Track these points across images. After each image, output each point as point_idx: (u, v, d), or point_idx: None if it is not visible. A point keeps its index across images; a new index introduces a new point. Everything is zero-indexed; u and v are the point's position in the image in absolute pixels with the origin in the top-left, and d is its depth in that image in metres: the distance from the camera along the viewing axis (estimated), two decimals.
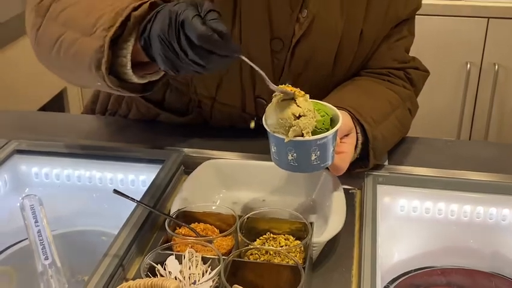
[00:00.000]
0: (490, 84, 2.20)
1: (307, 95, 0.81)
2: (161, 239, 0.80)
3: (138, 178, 1.06)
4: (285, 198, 0.99)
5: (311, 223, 0.81)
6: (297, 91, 0.80)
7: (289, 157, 0.81)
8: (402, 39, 1.12)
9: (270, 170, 1.00)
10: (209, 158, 1.02)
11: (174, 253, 0.75)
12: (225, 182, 1.00)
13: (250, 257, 0.77)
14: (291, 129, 0.78)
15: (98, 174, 1.07)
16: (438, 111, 2.25)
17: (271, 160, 1.01)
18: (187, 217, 0.84)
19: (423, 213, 1.00)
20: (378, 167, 1.06)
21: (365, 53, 1.09)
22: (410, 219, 1.00)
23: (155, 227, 0.92)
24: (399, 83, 1.12)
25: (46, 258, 0.82)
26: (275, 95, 0.80)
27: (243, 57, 0.76)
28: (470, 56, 2.18)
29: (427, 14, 2.14)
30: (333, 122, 0.84)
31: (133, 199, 0.84)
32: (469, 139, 2.29)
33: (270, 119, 0.81)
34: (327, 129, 0.82)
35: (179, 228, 0.82)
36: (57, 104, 2.36)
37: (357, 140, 0.97)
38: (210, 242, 0.77)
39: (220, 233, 0.82)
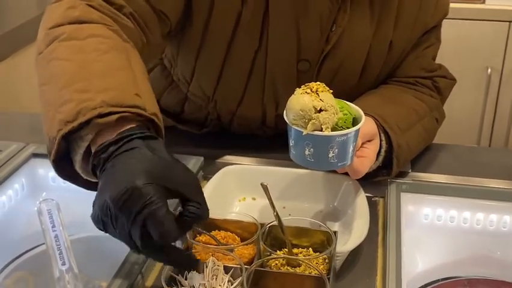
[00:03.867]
0: (511, 89, 2.17)
1: (331, 91, 0.79)
2: (182, 246, 0.78)
3: None
4: (306, 205, 0.97)
5: (335, 232, 0.78)
6: (322, 86, 0.78)
7: (306, 152, 0.79)
8: (430, 47, 1.11)
9: (291, 176, 0.99)
10: (228, 164, 1.01)
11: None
12: (244, 188, 0.98)
13: (273, 267, 0.75)
14: (310, 122, 0.77)
15: None
16: (459, 117, 2.22)
17: (292, 166, 1.00)
18: (207, 224, 0.82)
19: (448, 222, 0.97)
20: (401, 174, 1.04)
21: (392, 62, 1.07)
22: (435, 228, 0.98)
23: None
24: (426, 92, 1.10)
25: (63, 264, 0.80)
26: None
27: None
28: (491, 61, 2.15)
29: (447, 17, 2.11)
30: (355, 122, 0.82)
31: None
32: (489, 145, 2.26)
33: (290, 111, 0.79)
34: (347, 128, 0.80)
35: (200, 235, 0.80)
36: None
37: (380, 147, 0.95)
38: (232, 250, 0.76)
39: (241, 241, 0.81)
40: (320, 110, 0.77)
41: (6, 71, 1.97)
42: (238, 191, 0.98)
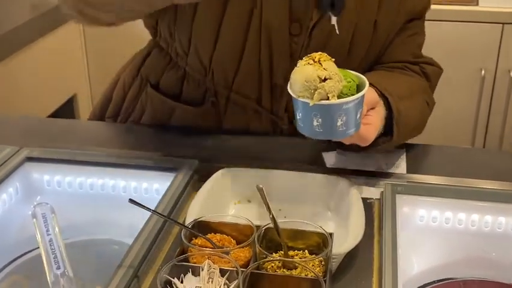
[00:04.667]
0: (505, 91, 2.17)
1: (333, 59, 0.79)
2: (177, 250, 0.78)
3: (152, 186, 1.04)
4: (302, 207, 0.97)
5: (331, 234, 0.78)
6: (324, 55, 0.79)
7: (315, 123, 0.79)
8: (415, 35, 1.14)
9: (287, 178, 0.99)
10: (224, 167, 1.01)
11: (191, 264, 0.73)
12: (240, 191, 0.98)
13: (269, 269, 0.75)
14: (316, 92, 0.77)
15: (111, 182, 1.05)
16: (453, 118, 2.23)
17: (288, 169, 1.00)
18: (202, 227, 0.82)
19: (443, 223, 0.98)
20: (396, 175, 1.04)
21: (379, 43, 1.10)
22: (430, 230, 0.98)
23: (170, 235, 0.90)
24: (415, 76, 1.12)
25: (58, 268, 0.80)
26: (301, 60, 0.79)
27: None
28: (484, 62, 2.15)
29: (441, 19, 2.12)
30: (359, 89, 0.82)
31: (148, 209, 0.82)
32: (483, 147, 2.26)
33: (295, 83, 0.79)
34: (353, 95, 0.79)
35: (195, 238, 0.80)
36: (67, 110, 2.35)
37: None
38: (228, 253, 0.75)
39: (237, 243, 0.80)
40: (325, 79, 0.77)
41: (0, 75, 1.97)
42: (233, 193, 0.98)
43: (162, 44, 1.19)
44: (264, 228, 0.79)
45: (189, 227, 0.81)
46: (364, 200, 0.95)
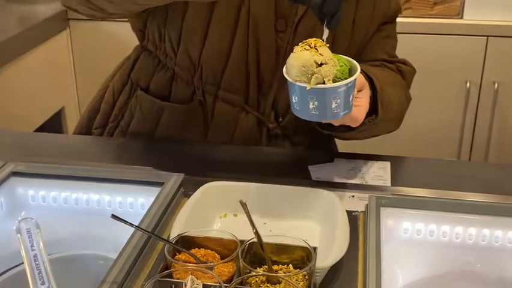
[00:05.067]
0: (490, 103, 2.19)
1: (327, 45, 0.83)
2: (161, 265, 0.78)
3: (137, 201, 1.04)
4: (287, 221, 0.97)
5: (315, 248, 0.79)
6: (320, 41, 0.82)
7: (311, 105, 0.83)
8: (389, 38, 1.20)
9: (272, 192, 0.99)
10: (209, 180, 1.01)
11: (174, 280, 0.73)
12: (225, 205, 0.98)
13: (253, 284, 0.75)
14: (313, 76, 0.81)
15: (95, 197, 1.05)
16: (438, 131, 2.24)
17: (274, 182, 1.00)
18: (187, 242, 0.82)
19: (428, 236, 0.98)
20: (380, 188, 1.05)
21: (357, 42, 1.15)
22: (415, 242, 0.98)
23: (155, 251, 0.90)
24: (392, 72, 1.17)
25: (43, 283, 0.80)
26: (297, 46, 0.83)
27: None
28: (469, 75, 2.17)
29: (426, 32, 2.14)
30: (351, 73, 0.86)
31: (131, 224, 0.82)
32: (469, 159, 2.27)
33: (292, 68, 0.82)
34: (346, 79, 0.84)
35: (179, 254, 0.80)
36: (55, 123, 2.34)
37: None
38: (211, 268, 0.75)
39: (221, 258, 0.80)
40: (321, 64, 0.81)
41: None
42: (219, 207, 0.98)
43: (150, 47, 1.21)
44: (247, 242, 0.79)
45: (173, 242, 0.81)
46: (349, 212, 0.95)
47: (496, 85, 2.16)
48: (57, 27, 2.29)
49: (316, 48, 0.81)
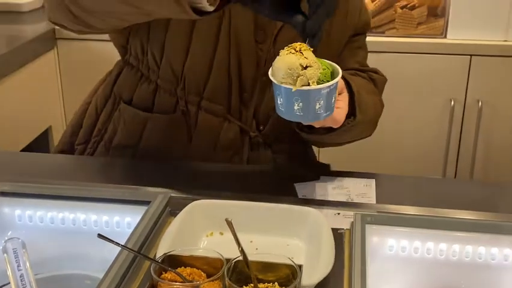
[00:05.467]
0: (474, 121, 2.22)
1: (311, 49, 0.87)
2: (147, 284, 0.78)
3: (124, 220, 1.04)
4: (273, 239, 0.98)
5: (300, 266, 0.79)
6: (304, 45, 0.86)
7: (295, 107, 0.86)
8: (361, 49, 1.26)
9: (258, 210, 1.00)
10: (196, 198, 1.01)
11: None
12: (212, 223, 0.98)
13: None
14: (298, 78, 0.84)
15: (82, 217, 1.05)
16: (423, 149, 2.26)
17: (259, 200, 1.01)
18: (173, 261, 0.82)
19: (412, 253, 0.99)
20: (366, 206, 1.06)
21: (332, 51, 1.18)
22: (399, 259, 0.99)
23: (141, 270, 0.90)
24: (365, 80, 1.21)
25: None
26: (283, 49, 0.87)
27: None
28: (453, 93, 2.20)
29: (411, 52, 2.17)
30: (333, 76, 0.90)
31: (117, 244, 0.83)
32: (455, 176, 2.29)
33: (278, 71, 0.86)
34: (328, 82, 0.87)
35: (165, 272, 0.80)
36: (43, 142, 2.34)
37: None
38: (197, 287, 0.76)
39: (207, 277, 0.81)
40: (306, 67, 0.84)
41: None
42: (205, 226, 0.99)
43: (132, 61, 1.22)
44: (233, 261, 0.79)
45: (159, 261, 0.81)
46: (334, 230, 0.96)
47: (480, 103, 2.19)
48: (45, 46, 2.29)
49: (301, 52, 0.85)
